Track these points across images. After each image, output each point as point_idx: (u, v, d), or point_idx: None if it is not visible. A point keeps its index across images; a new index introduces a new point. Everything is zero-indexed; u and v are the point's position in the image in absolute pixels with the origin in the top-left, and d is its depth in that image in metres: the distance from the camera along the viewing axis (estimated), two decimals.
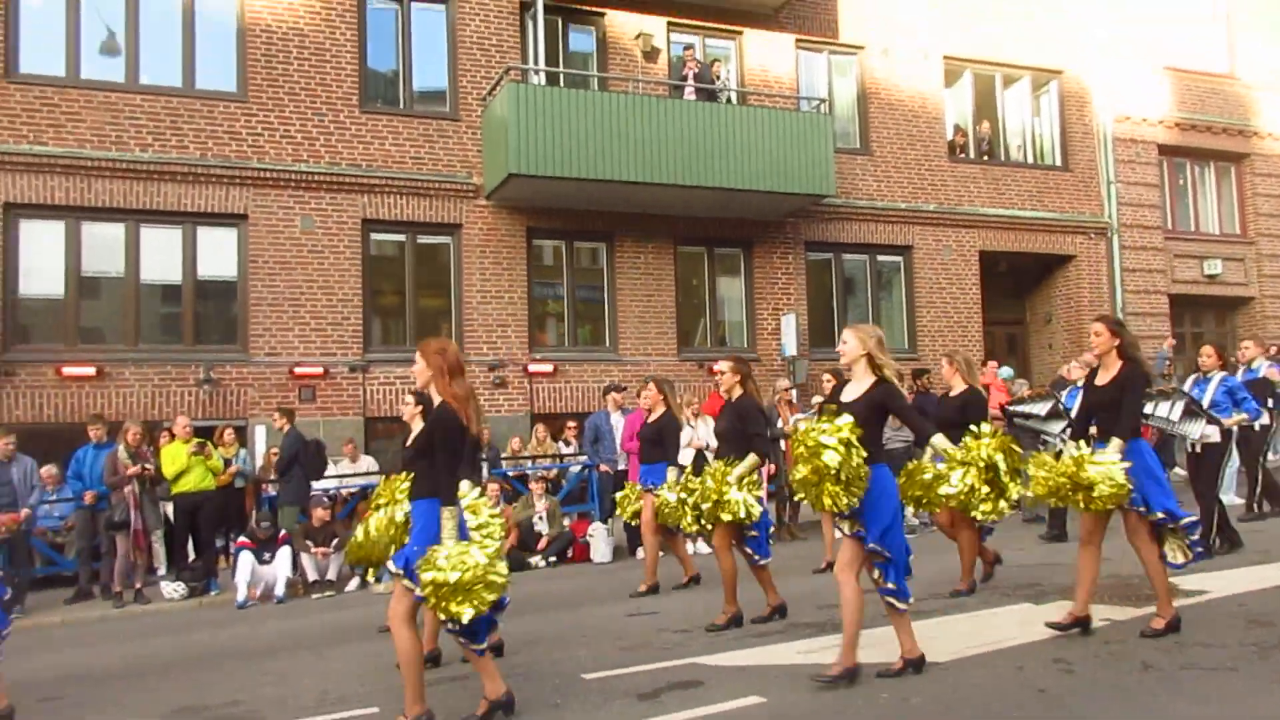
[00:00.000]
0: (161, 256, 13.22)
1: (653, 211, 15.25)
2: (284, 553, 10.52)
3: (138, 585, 10.48)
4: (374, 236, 14.25)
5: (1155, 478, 5.64)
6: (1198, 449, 8.48)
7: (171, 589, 10.67)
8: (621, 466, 11.39)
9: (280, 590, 10.37)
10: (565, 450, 13.63)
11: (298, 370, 13.33)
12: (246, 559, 10.32)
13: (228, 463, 11.55)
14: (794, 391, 13.08)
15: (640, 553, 9.84)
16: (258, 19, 13.64)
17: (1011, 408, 9.26)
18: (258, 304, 13.36)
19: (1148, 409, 8.08)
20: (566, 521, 11.96)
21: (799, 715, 4.75)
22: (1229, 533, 8.53)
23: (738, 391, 7.31)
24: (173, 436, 11.16)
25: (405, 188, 14.14)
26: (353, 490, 12.41)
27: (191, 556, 11.20)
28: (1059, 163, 18.86)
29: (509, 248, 14.68)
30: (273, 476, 11.88)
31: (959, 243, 17.67)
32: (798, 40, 16.90)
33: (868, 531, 5.12)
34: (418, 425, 5.68)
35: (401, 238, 14.46)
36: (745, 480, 6.88)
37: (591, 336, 15.48)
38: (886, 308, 17.48)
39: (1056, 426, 8.71)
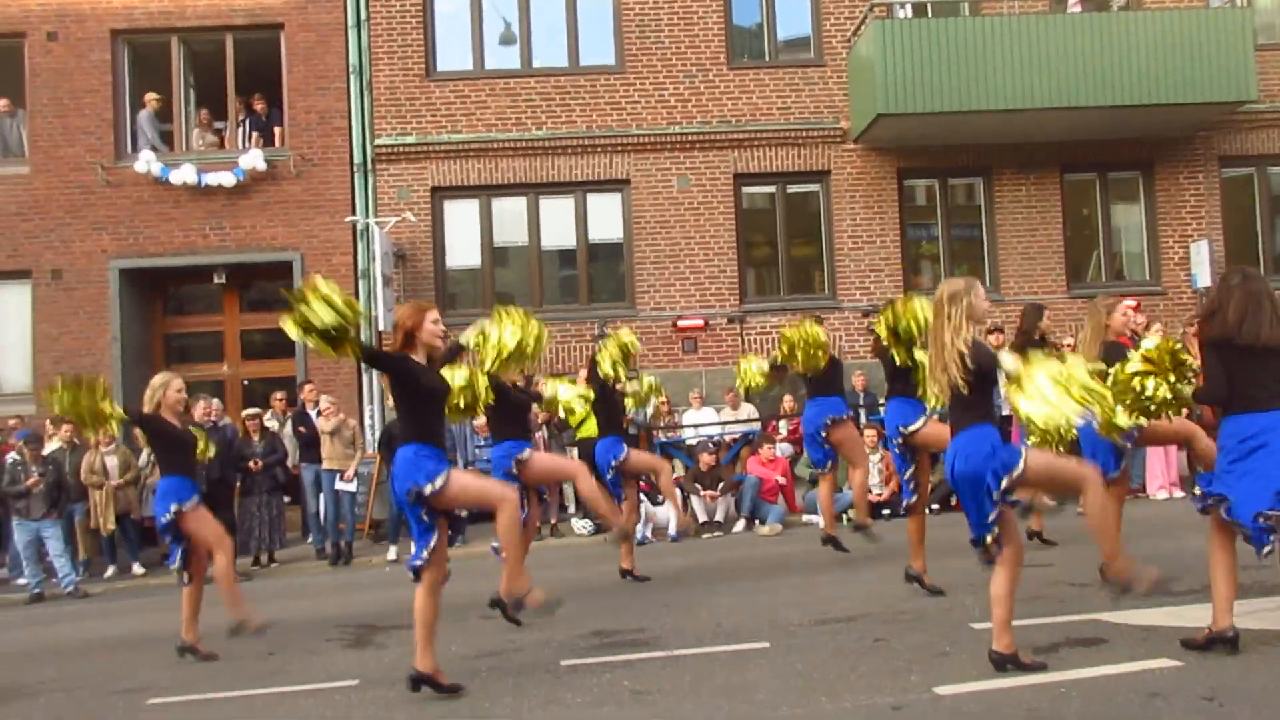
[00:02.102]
0: (557, 224, 14.53)
1: (1034, 140, 14.19)
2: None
3: (553, 521, 11.76)
4: (745, 190, 14.62)
5: None
6: None
7: (580, 525, 11.85)
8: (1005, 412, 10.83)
9: (672, 530, 11.13)
10: None
11: (680, 323, 14.10)
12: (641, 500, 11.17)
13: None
14: None
15: None
16: None
17: None
18: (641, 262, 14.27)
19: None
20: None
21: (1219, 683, 4.35)
22: None
23: None
24: None
25: (774, 139, 14.33)
26: (735, 436, 12.95)
27: None
28: None
29: (879, 190, 14.42)
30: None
31: None
32: None
33: None
34: None
35: (772, 189, 14.73)
36: None
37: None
38: None
39: None
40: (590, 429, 11.88)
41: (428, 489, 5.02)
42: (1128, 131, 14.13)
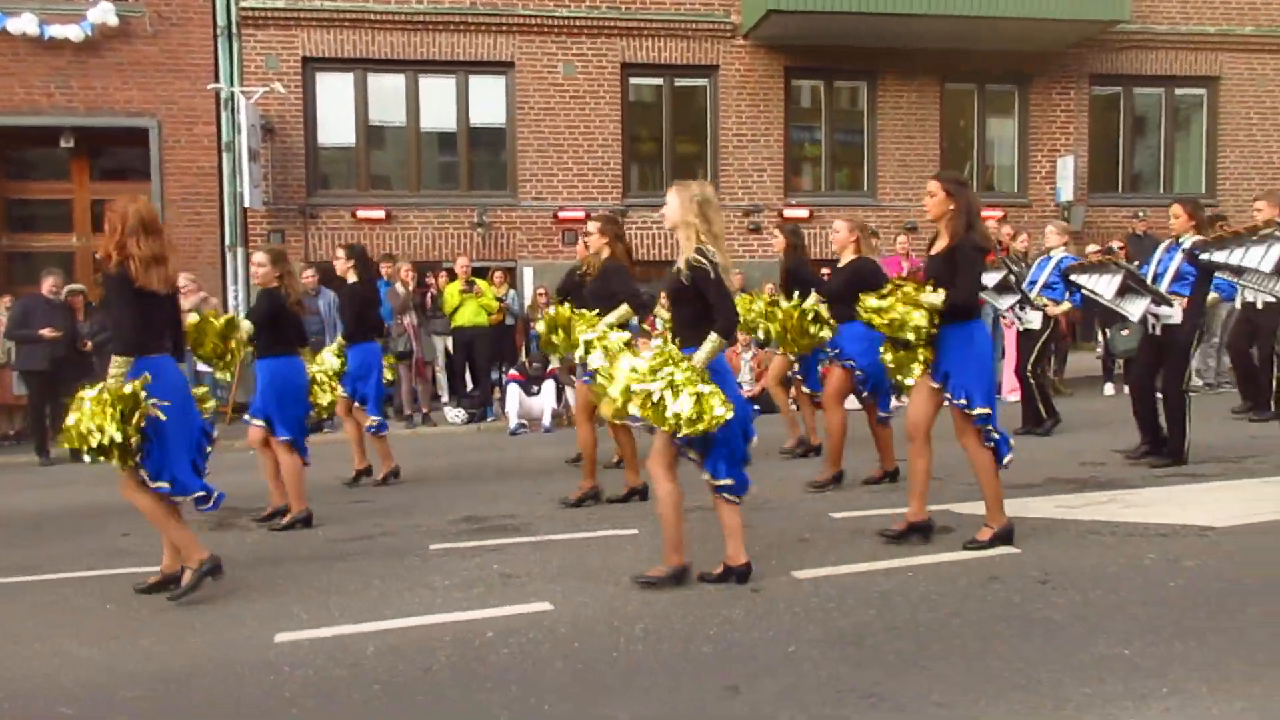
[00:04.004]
0: (437, 105, 13.99)
1: (919, 46, 14.32)
2: (549, 387, 11.29)
3: (424, 410, 11.64)
4: (632, 81, 14.34)
5: (984, 370, 5.09)
6: (1157, 330, 6.90)
7: (453, 414, 11.77)
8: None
9: (546, 420, 11.17)
10: None
11: (561, 215, 13.90)
12: (515, 391, 11.17)
13: (500, 301, 12.37)
14: None
15: None
16: None
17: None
18: (524, 150, 13.92)
19: (1084, 281, 7.11)
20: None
21: (1053, 567, 4.68)
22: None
23: None
24: (452, 276, 12.06)
25: (663, 29, 14.03)
26: None
27: (470, 386, 12.25)
28: None
29: (766, 89, 14.36)
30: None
31: None
32: None
33: None
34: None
35: (659, 81, 14.48)
36: None
37: (849, 181, 15.04)
38: (1182, 147, 15.77)
39: (1005, 302, 8.26)
40: (463, 317, 11.78)
41: None
42: (1007, 44, 14.39)
